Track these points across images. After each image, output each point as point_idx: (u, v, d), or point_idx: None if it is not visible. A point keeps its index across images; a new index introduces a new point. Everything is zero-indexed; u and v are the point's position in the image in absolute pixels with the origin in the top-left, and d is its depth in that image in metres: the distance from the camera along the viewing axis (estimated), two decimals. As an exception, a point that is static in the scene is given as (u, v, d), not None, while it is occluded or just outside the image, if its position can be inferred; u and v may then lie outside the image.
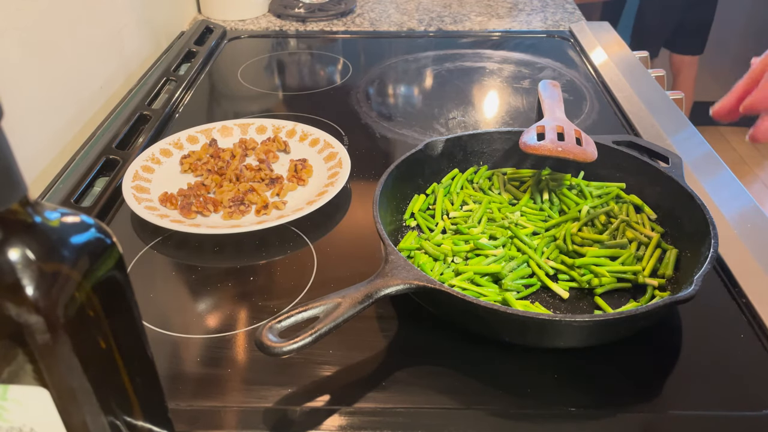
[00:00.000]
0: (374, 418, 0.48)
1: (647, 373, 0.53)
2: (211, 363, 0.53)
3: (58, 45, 0.84)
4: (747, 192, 0.75)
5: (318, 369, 0.53)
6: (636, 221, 0.66)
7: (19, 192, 0.28)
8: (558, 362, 0.53)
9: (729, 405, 0.50)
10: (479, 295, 0.56)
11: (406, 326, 0.57)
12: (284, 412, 0.49)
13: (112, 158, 0.80)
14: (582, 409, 0.49)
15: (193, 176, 0.78)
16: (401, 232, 0.68)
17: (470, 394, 0.51)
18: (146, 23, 1.11)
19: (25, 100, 0.77)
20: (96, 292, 0.30)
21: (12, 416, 0.31)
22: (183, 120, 0.94)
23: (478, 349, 0.54)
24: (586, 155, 0.67)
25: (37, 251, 0.28)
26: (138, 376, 0.35)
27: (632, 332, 0.53)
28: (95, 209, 0.71)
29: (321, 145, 0.82)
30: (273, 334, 0.46)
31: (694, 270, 0.56)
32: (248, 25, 1.30)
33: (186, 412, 0.49)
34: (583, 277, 0.59)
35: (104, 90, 0.97)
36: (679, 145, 0.84)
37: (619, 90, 1.00)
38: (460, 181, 0.73)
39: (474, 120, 0.95)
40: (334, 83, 1.07)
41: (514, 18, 1.34)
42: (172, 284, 0.63)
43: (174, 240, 0.68)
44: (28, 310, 0.27)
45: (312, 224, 0.70)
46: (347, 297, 0.48)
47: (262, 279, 0.63)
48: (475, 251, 0.62)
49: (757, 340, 0.55)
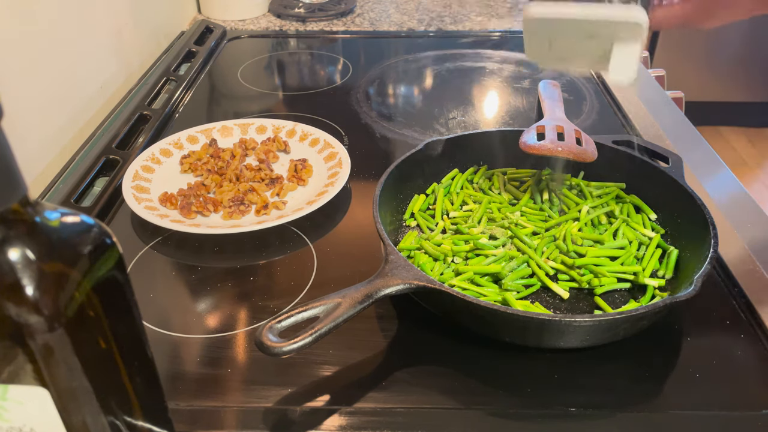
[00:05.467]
0: (374, 418, 0.48)
1: (647, 373, 0.53)
2: (211, 363, 0.53)
3: (58, 45, 0.84)
4: (747, 192, 0.75)
5: (318, 369, 0.53)
6: (636, 221, 0.66)
7: (19, 192, 0.28)
8: (558, 362, 0.53)
9: (729, 405, 0.50)
10: (479, 295, 0.56)
11: (406, 326, 0.57)
12: (284, 412, 0.49)
13: (112, 158, 0.80)
14: (582, 409, 0.49)
15: (193, 176, 0.78)
16: (401, 232, 0.68)
17: (470, 394, 0.51)
18: (146, 23, 1.11)
19: (25, 100, 0.77)
20: (96, 292, 0.30)
21: (12, 416, 0.31)
22: (183, 120, 0.94)
23: (478, 349, 0.54)
24: (586, 155, 0.67)
25: (37, 251, 0.28)
26: (138, 376, 0.35)
27: (632, 332, 0.53)
28: (95, 209, 0.71)
29: (321, 145, 0.82)
30: (273, 334, 0.46)
31: (694, 270, 0.56)
32: (248, 25, 1.30)
33: (186, 412, 0.49)
34: (583, 277, 0.59)
35: (104, 90, 0.97)
36: (679, 145, 0.84)
37: (619, 90, 1.00)
38: (460, 181, 0.73)
39: (474, 120, 0.95)
40: (334, 83, 1.07)
41: (514, 18, 1.34)
42: (172, 284, 0.63)
43: (174, 240, 0.68)
44: (28, 310, 0.27)
45: (312, 224, 0.70)
46: (347, 297, 0.48)
47: (262, 279, 0.63)
48: (475, 251, 0.62)
49: (757, 340, 0.55)
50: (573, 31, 0.53)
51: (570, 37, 0.54)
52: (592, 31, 0.52)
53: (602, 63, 0.53)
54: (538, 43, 0.56)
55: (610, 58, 0.52)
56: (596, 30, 0.52)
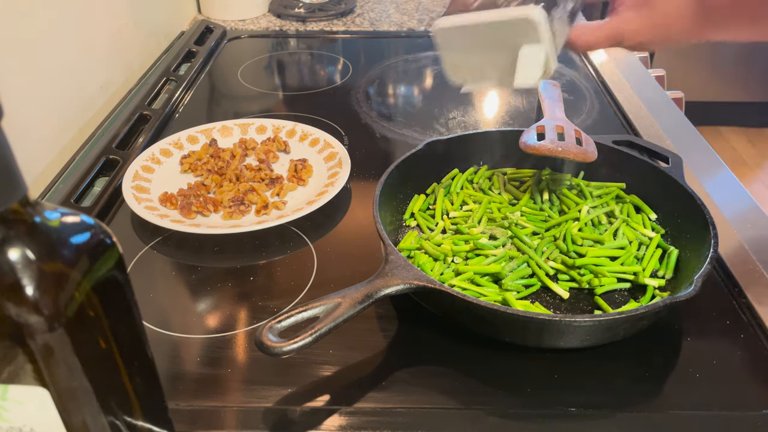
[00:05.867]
0: (374, 418, 0.48)
1: (647, 373, 0.53)
2: (211, 363, 0.53)
3: (58, 45, 0.84)
4: (747, 192, 0.75)
5: (318, 369, 0.53)
6: (636, 221, 0.66)
7: (19, 192, 0.28)
8: (558, 362, 0.53)
9: (729, 405, 0.50)
10: (479, 295, 0.56)
11: (406, 326, 0.57)
12: (284, 412, 0.49)
13: (112, 158, 0.80)
14: (582, 409, 0.49)
15: (193, 176, 0.78)
16: (401, 232, 0.68)
17: (470, 394, 0.51)
18: (146, 23, 1.11)
19: (25, 100, 0.77)
20: (96, 292, 0.30)
21: (12, 416, 0.31)
22: (183, 120, 0.94)
23: (478, 349, 0.54)
24: (586, 155, 0.67)
25: (37, 251, 0.28)
26: (138, 376, 0.35)
27: (632, 332, 0.53)
28: (95, 209, 0.71)
29: (321, 145, 0.82)
30: (273, 334, 0.46)
31: (694, 270, 0.56)
32: (248, 25, 1.30)
33: (186, 412, 0.49)
34: (583, 277, 0.59)
35: (104, 90, 0.97)
36: (679, 145, 0.84)
37: (619, 90, 1.00)
38: (460, 181, 0.73)
39: (474, 120, 0.95)
40: (334, 83, 1.07)
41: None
42: (172, 284, 0.63)
43: (174, 240, 0.68)
44: (28, 310, 0.27)
45: (312, 224, 0.70)
46: (347, 297, 0.48)
47: (262, 279, 0.63)
48: (475, 251, 0.62)
49: (757, 340, 0.55)
50: (478, 40, 0.54)
51: (477, 47, 0.54)
52: (496, 38, 0.53)
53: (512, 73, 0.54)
54: (453, 60, 0.57)
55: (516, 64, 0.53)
56: (499, 36, 0.52)
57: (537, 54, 0.52)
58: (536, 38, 0.51)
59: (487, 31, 0.52)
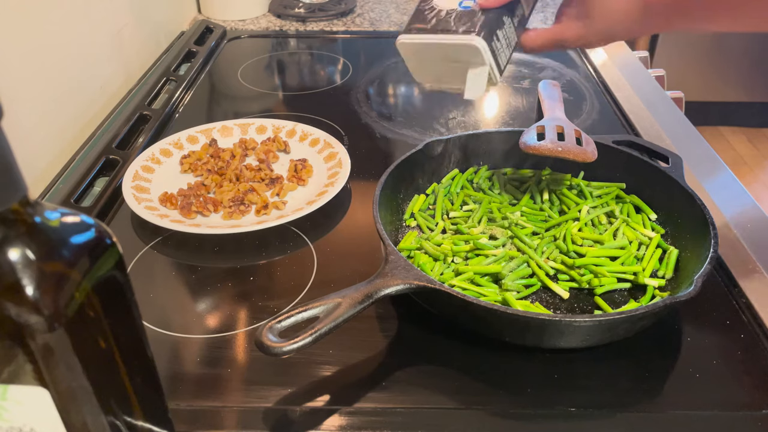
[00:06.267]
0: (374, 418, 0.48)
1: (647, 373, 0.53)
2: (211, 363, 0.53)
3: (58, 45, 0.84)
4: (747, 192, 0.75)
5: (318, 369, 0.53)
6: (636, 221, 0.66)
7: (19, 192, 0.28)
8: (558, 362, 0.53)
9: (729, 405, 0.50)
10: (479, 295, 0.56)
11: (406, 326, 0.57)
12: (284, 412, 0.49)
13: (112, 158, 0.80)
14: (582, 409, 0.49)
15: (193, 176, 0.78)
16: (401, 232, 0.68)
17: (470, 394, 0.51)
18: (146, 23, 1.11)
19: (25, 100, 0.77)
20: (96, 292, 0.30)
21: (12, 416, 0.31)
22: (183, 120, 0.94)
23: (478, 349, 0.54)
24: (586, 155, 0.67)
25: (37, 251, 0.28)
26: (138, 376, 0.35)
27: (632, 332, 0.53)
28: (95, 209, 0.71)
29: (321, 145, 0.82)
30: (273, 334, 0.46)
31: (694, 270, 0.56)
32: (248, 25, 1.30)
33: (186, 412, 0.49)
34: (583, 277, 0.59)
35: (104, 90, 0.97)
36: (679, 145, 0.84)
37: (619, 90, 1.00)
38: (460, 181, 0.73)
39: (474, 120, 0.95)
40: (334, 83, 1.07)
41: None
42: (172, 284, 0.63)
43: (174, 240, 0.68)
44: (28, 310, 0.27)
45: (312, 224, 0.70)
46: (347, 297, 0.48)
47: (262, 279, 0.63)
48: (475, 251, 0.62)
49: (757, 340, 0.55)
50: (433, 54, 0.62)
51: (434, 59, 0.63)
52: (448, 54, 0.61)
53: (464, 82, 0.62)
54: (414, 66, 0.65)
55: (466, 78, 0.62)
56: (450, 54, 0.61)
57: (481, 72, 0.61)
58: (480, 60, 0.60)
59: (440, 50, 0.61)
